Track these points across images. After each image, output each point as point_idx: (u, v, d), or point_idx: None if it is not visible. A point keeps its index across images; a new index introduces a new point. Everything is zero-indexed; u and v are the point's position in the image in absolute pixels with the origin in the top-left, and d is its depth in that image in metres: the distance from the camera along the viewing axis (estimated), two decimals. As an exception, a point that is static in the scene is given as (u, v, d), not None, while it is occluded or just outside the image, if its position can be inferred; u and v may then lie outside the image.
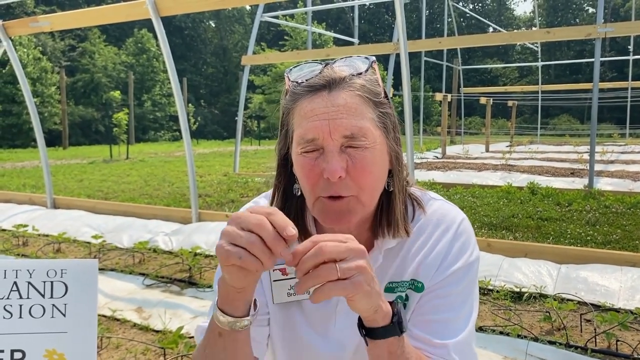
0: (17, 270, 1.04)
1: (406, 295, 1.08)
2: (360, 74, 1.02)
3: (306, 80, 1.02)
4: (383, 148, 1.02)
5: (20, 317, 1.03)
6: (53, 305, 1.03)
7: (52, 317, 1.03)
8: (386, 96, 1.05)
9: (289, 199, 1.11)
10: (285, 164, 1.10)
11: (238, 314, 0.92)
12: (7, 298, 1.03)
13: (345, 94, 0.99)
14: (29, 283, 1.04)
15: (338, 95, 0.98)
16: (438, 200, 1.15)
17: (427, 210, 1.12)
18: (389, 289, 1.09)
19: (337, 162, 0.96)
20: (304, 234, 1.12)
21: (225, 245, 0.81)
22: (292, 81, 1.04)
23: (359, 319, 0.92)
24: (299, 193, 1.07)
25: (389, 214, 1.08)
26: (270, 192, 1.17)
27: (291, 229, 0.80)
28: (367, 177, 0.99)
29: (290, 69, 1.06)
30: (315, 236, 0.82)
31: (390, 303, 0.91)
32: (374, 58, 1.05)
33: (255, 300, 0.96)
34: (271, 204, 1.14)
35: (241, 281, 0.85)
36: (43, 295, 1.03)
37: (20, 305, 1.03)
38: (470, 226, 1.14)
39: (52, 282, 1.04)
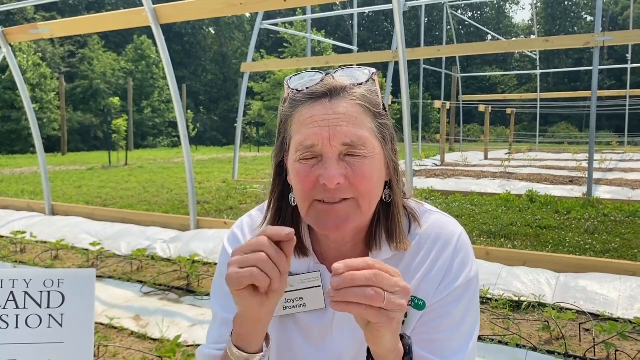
0: (14, 280, 1.03)
1: (406, 312, 1.08)
2: (361, 84, 1.02)
3: (306, 88, 1.01)
4: (381, 158, 1.02)
5: (17, 327, 1.02)
6: (50, 315, 1.03)
7: (49, 327, 1.03)
8: (384, 108, 1.05)
9: (284, 209, 1.11)
10: (280, 172, 1.10)
11: (252, 350, 0.96)
12: (4, 308, 1.02)
13: (346, 103, 0.98)
14: (26, 293, 1.03)
15: (339, 103, 0.98)
16: (435, 213, 1.14)
17: (424, 223, 1.11)
18: None
19: (336, 169, 0.95)
20: (299, 246, 1.10)
21: (235, 270, 0.86)
22: (292, 89, 1.04)
23: (369, 354, 0.92)
24: (295, 203, 1.06)
25: (387, 225, 1.07)
26: (264, 204, 1.17)
27: (286, 229, 0.85)
28: (367, 184, 0.98)
29: (290, 77, 1.05)
30: (369, 259, 0.82)
31: (402, 338, 0.92)
32: (374, 70, 1.05)
33: (267, 335, 1.00)
34: (266, 215, 1.13)
35: (254, 307, 0.89)
36: (40, 305, 1.03)
37: (17, 315, 1.02)
38: (469, 240, 1.14)
39: (49, 292, 1.03)
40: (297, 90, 1.03)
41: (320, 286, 1.10)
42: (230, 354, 0.96)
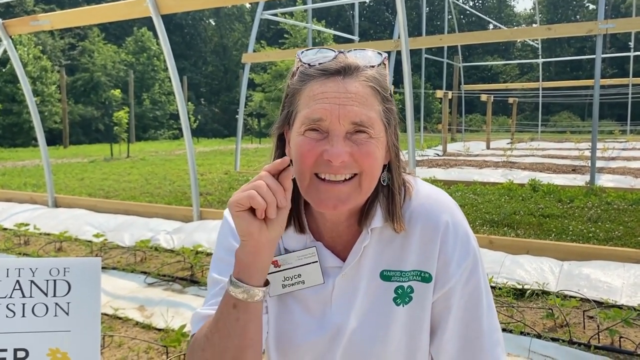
0: (19, 269, 1.03)
1: (410, 287, 1.08)
2: (373, 66, 1.03)
3: (319, 63, 1.01)
4: (384, 142, 1.03)
5: (23, 316, 1.02)
6: (56, 304, 1.03)
7: (55, 315, 1.03)
8: (391, 94, 1.06)
9: None
10: (280, 145, 1.10)
11: (253, 282, 0.97)
12: (10, 297, 1.02)
13: (358, 83, 0.99)
14: (32, 282, 1.03)
15: (351, 82, 0.99)
16: (427, 186, 1.15)
17: (418, 197, 1.11)
18: (385, 277, 1.09)
19: (342, 146, 0.97)
20: (297, 222, 1.12)
21: (237, 195, 0.94)
22: (304, 63, 1.04)
23: None
24: (292, 177, 1.07)
25: (388, 205, 1.08)
26: None
27: (280, 160, 0.95)
28: (371, 162, 1.00)
29: (303, 51, 1.05)
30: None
31: None
32: (386, 54, 1.05)
33: (267, 280, 1.01)
34: None
35: (254, 230, 0.94)
36: (46, 294, 1.03)
37: (23, 304, 1.02)
38: (460, 210, 1.14)
39: (55, 281, 1.03)
40: (309, 64, 1.03)
41: (317, 262, 1.11)
42: (231, 290, 0.97)
